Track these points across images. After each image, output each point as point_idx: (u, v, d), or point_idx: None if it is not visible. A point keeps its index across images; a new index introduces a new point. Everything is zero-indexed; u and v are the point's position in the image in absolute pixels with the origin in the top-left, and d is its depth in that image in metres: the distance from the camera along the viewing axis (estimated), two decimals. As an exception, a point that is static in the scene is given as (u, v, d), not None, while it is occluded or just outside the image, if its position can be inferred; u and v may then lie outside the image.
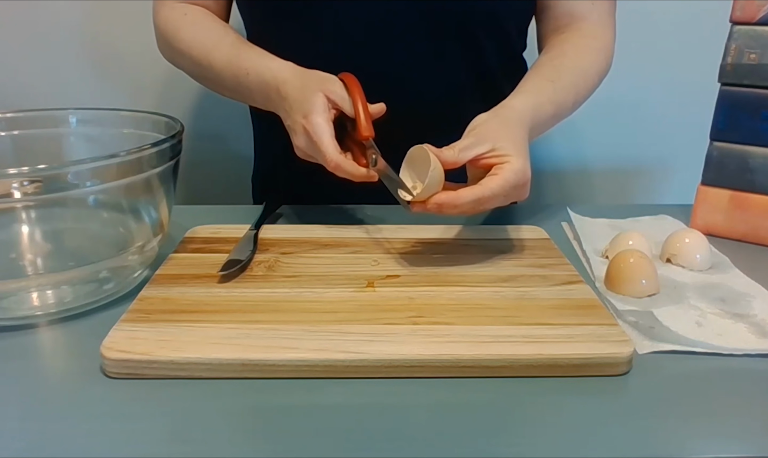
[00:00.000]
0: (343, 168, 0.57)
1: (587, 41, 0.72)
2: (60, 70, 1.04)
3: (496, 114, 0.60)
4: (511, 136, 0.57)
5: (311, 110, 0.58)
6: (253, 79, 0.65)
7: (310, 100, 0.58)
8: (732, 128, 0.66)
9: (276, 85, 0.63)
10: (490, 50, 0.74)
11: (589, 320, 0.47)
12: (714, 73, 0.66)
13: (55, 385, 0.42)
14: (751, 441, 0.38)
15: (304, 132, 0.59)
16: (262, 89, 0.65)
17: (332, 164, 0.57)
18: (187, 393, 0.41)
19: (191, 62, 0.71)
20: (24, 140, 0.61)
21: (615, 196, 1.19)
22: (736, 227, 0.67)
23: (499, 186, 0.53)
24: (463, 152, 0.55)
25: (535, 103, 0.63)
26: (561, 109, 0.67)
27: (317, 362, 0.42)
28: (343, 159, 0.57)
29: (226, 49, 0.68)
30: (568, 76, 0.68)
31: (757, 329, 0.49)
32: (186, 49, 0.71)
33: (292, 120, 0.61)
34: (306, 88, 0.60)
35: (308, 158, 0.61)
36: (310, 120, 0.58)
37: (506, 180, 0.54)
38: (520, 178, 0.55)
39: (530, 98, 0.64)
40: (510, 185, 0.54)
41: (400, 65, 0.72)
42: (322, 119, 0.57)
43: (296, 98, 0.60)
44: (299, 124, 0.59)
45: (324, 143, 0.57)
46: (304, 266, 0.57)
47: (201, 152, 1.08)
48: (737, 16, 0.64)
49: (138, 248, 0.53)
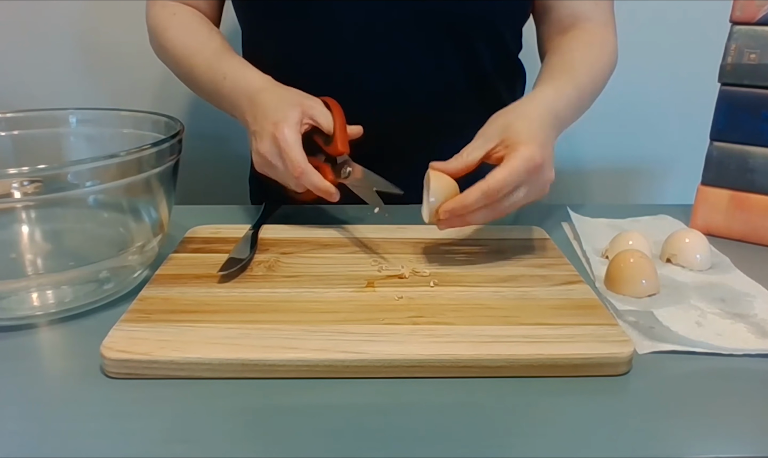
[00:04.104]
0: (307, 177, 0.56)
1: (593, 39, 0.72)
2: (60, 70, 1.04)
3: (509, 109, 0.59)
4: (524, 124, 0.55)
5: (284, 119, 0.57)
6: (228, 84, 0.65)
7: (284, 111, 0.58)
8: (732, 128, 0.66)
9: (249, 93, 0.62)
10: (483, 52, 0.74)
11: (589, 320, 0.47)
12: (714, 73, 0.66)
13: (55, 385, 0.42)
14: (751, 441, 0.38)
15: (272, 138, 0.58)
16: (233, 96, 0.64)
17: (298, 171, 0.56)
18: (187, 393, 0.41)
19: (174, 62, 0.72)
20: (24, 140, 0.61)
21: (615, 196, 1.19)
22: (736, 227, 0.67)
23: (505, 175, 0.51)
24: (471, 154, 0.54)
25: (556, 89, 0.61)
26: (583, 96, 0.65)
27: (317, 362, 0.42)
28: (310, 168, 0.56)
29: (209, 53, 0.68)
30: (583, 68, 0.67)
31: (757, 329, 0.49)
32: (171, 48, 0.71)
33: (259, 125, 0.60)
34: (283, 100, 0.60)
35: (266, 167, 0.60)
36: (280, 127, 0.57)
37: (512, 167, 0.51)
38: (529, 163, 0.51)
39: (549, 87, 0.62)
40: (518, 172, 0.51)
41: (395, 67, 0.72)
42: (293, 130, 0.57)
43: (270, 105, 0.60)
44: (267, 130, 0.58)
45: (293, 150, 0.56)
46: (304, 266, 0.57)
47: (200, 151, 1.08)
48: (737, 16, 0.64)
49: (138, 248, 0.53)
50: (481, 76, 0.75)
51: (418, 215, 0.59)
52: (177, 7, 0.73)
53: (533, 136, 0.54)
